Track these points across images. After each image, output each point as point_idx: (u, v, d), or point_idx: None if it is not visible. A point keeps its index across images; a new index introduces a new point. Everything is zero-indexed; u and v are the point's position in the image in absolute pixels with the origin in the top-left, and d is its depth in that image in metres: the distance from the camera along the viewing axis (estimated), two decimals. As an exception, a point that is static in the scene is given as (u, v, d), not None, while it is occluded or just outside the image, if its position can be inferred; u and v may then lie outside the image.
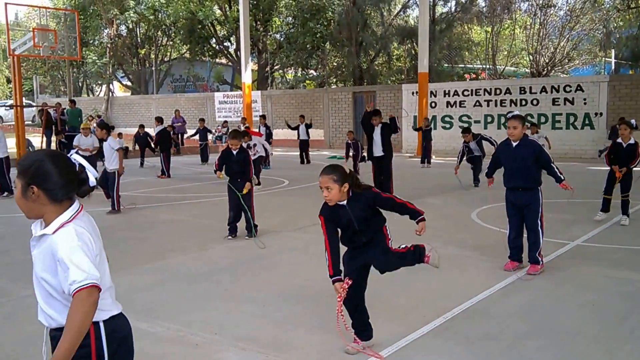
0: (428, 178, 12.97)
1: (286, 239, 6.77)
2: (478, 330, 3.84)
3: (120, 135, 17.77)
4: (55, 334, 1.94)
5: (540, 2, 24.62)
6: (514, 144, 5.18)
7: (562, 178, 5.15)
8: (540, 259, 5.16)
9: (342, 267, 3.46)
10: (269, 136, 16.56)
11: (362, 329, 3.58)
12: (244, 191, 6.64)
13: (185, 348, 3.63)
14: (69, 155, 2.01)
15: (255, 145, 11.65)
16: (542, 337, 3.72)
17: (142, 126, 17.59)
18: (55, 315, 1.94)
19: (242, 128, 17.15)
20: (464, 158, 11.09)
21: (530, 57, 25.60)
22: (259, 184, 11.05)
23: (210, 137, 21.88)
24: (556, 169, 5.14)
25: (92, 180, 1.96)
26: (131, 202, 8.93)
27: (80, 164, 1.96)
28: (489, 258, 5.60)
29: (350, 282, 3.37)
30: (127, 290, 4.61)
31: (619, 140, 7.28)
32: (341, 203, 3.38)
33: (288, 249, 6.25)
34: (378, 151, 9.27)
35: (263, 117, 17.80)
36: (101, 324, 1.98)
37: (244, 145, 7.06)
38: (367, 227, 3.45)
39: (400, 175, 9.41)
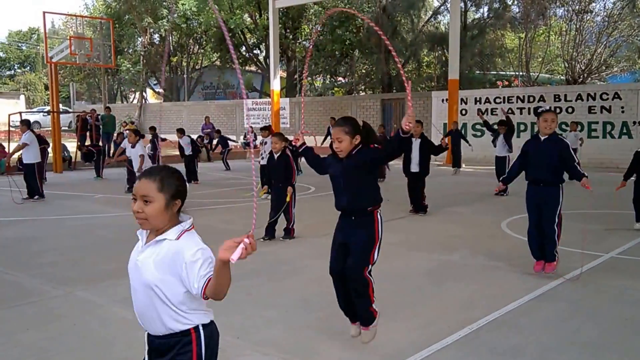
0: (457, 186, 12.77)
1: (311, 245, 6.74)
2: (504, 342, 3.73)
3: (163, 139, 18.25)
4: (157, 342, 2.06)
5: (577, 7, 24.09)
6: (542, 138, 5.11)
7: (584, 175, 4.92)
8: (556, 255, 5.11)
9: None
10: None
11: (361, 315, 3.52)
12: (287, 198, 6.70)
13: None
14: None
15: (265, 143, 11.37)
16: (572, 352, 3.58)
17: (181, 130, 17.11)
18: (157, 320, 2.03)
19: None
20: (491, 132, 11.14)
21: (566, 63, 25.03)
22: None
23: (239, 143, 22.07)
24: (578, 169, 4.98)
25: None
26: None
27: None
28: (518, 269, 5.45)
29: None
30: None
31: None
32: (343, 156, 3.41)
33: (312, 256, 6.22)
34: (414, 167, 8.80)
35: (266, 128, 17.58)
36: (201, 328, 2.07)
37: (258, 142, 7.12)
38: (351, 188, 3.39)
39: (429, 183, 9.28)
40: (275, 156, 6.84)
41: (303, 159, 12.12)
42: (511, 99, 19.17)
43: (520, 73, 25.78)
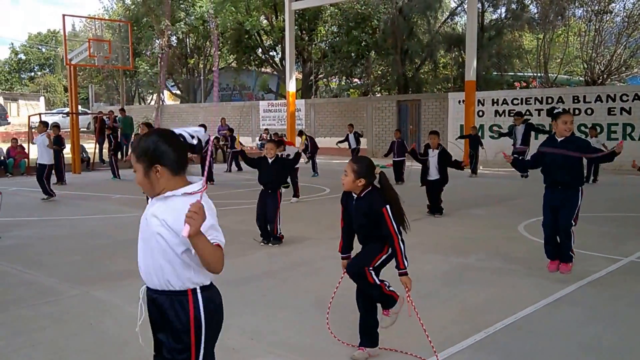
0: (473, 188, 12.66)
1: (325, 247, 6.73)
2: (521, 347, 3.68)
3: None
4: (156, 297, 2.10)
5: (596, 8, 23.75)
6: (560, 139, 4.98)
7: (610, 152, 4.83)
8: (572, 255, 5.04)
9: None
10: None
11: (366, 334, 3.54)
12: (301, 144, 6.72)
13: (222, 352, 3.64)
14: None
15: (288, 155, 11.65)
16: (589, 357, 3.52)
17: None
18: (159, 271, 2.06)
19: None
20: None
21: (585, 64, 24.68)
22: (296, 195, 10.72)
23: (255, 144, 22.18)
24: (604, 151, 4.91)
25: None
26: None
27: (182, 134, 2.12)
28: (536, 272, 5.38)
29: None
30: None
31: None
32: (354, 195, 3.43)
33: (327, 257, 6.21)
34: (433, 175, 8.74)
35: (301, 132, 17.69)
36: (198, 291, 2.10)
37: (278, 154, 7.07)
38: (364, 232, 3.45)
39: (446, 186, 9.22)
40: (270, 161, 6.85)
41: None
42: (529, 100, 18.97)
43: (539, 74, 25.50)
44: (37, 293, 4.90)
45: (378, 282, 3.44)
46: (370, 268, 3.42)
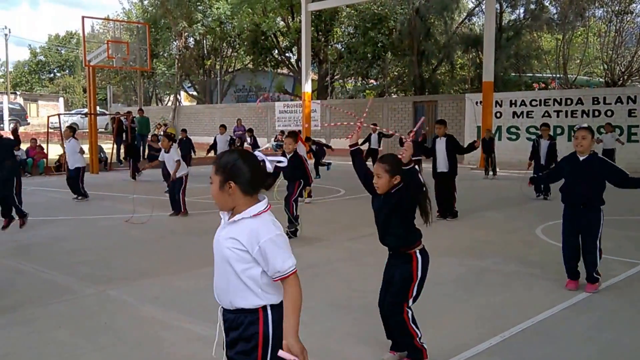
0: (490, 190, 12.53)
1: (339, 249, 6.71)
2: (537, 352, 3.61)
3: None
4: (229, 317, 2.14)
5: (616, 8, 23.39)
6: (581, 157, 4.78)
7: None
8: (598, 276, 4.85)
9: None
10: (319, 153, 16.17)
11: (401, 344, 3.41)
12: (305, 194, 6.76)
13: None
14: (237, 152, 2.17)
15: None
16: (609, 364, 3.45)
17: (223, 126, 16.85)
18: (234, 297, 2.11)
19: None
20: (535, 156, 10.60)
21: (605, 65, 24.31)
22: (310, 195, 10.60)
23: (269, 144, 22.22)
24: (634, 179, 4.68)
25: (270, 168, 2.17)
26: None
27: (262, 160, 2.16)
28: (553, 276, 5.29)
29: None
30: (185, 292, 4.74)
31: None
32: (380, 192, 3.34)
33: (340, 259, 6.19)
34: (442, 167, 8.46)
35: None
36: (269, 309, 2.13)
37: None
38: (388, 228, 3.30)
39: (463, 187, 9.09)
40: (288, 157, 6.86)
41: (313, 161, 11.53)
42: (548, 102, 18.72)
43: (558, 75, 25.18)
44: (53, 292, 4.95)
45: (412, 328, 3.27)
46: (409, 305, 3.27)
